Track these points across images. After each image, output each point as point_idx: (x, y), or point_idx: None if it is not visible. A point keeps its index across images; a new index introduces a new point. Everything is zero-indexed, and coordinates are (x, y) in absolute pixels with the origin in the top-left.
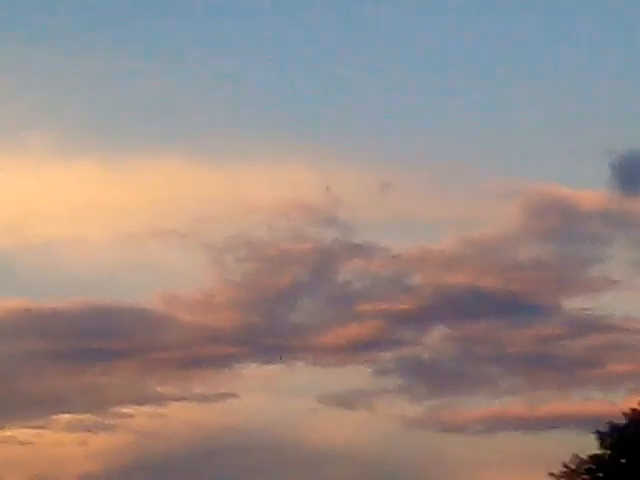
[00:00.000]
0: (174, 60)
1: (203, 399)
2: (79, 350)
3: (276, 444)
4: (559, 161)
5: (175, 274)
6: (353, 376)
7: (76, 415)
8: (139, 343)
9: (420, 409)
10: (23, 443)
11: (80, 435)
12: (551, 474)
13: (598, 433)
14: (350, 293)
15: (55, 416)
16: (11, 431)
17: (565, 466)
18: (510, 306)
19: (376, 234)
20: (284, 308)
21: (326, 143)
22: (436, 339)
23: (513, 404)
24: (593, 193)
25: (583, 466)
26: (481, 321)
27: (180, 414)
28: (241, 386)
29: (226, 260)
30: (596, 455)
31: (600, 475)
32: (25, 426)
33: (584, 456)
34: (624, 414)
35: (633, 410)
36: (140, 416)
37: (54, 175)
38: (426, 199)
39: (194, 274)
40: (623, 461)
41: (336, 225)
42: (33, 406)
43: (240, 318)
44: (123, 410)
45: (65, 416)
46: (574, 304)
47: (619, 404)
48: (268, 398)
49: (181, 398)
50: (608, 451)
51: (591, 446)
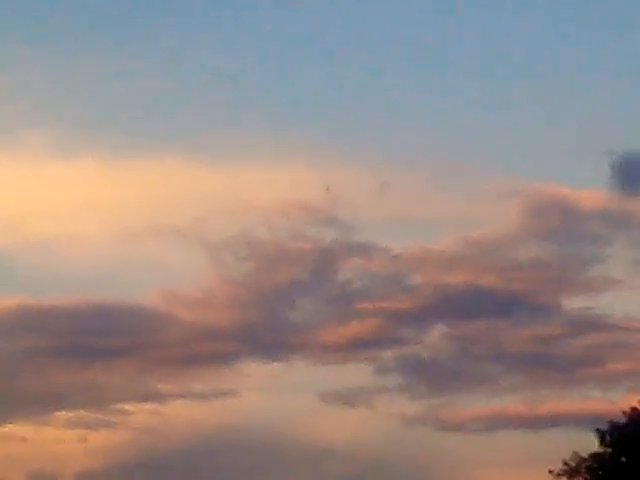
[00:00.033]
0: (174, 60)
1: (203, 397)
2: (79, 347)
3: (276, 442)
4: (559, 161)
5: (174, 272)
6: (353, 374)
7: (76, 412)
8: (138, 341)
9: (420, 407)
10: (23, 440)
11: (80, 432)
12: (551, 472)
13: (598, 431)
14: (350, 292)
15: (55, 413)
16: (10, 428)
17: (565, 464)
18: (510, 306)
19: (376, 234)
20: (284, 307)
21: (326, 143)
22: (436, 338)
23: (513, 403)
24: (593, 193)
25: (583, 464)
26: (481, 320)
27: (180, 412)
28: (241, 384)
29: (226, 259)
30: (596, 453)
31: (600, 473)
32: (25, 423)
33: (584, 454)
34: (624, 413)
35: (633, 409)
36: (140, 413)
37: (53, 174)
38: (426, 199)
39: (194, 272)
40: (623, 460)
41: (336, 225)
42: (33, 403)
43: (240, 317)
44: (123, 407)
45: (65, 413)
46: (574, 304)
47: (619, 403)
48: (268, 396)
49: (181, 396)
50: (608, 449)
51: (591, 445)
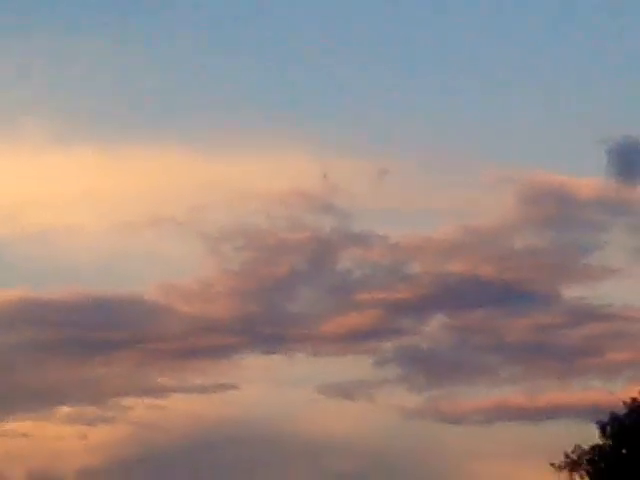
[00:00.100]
0: (173, 50)
1: (202, 390)
2: (78, 341)
3: (276, 435)
4: (556, 149)
5: (172, 263)
6: (353, 366)
7: (75, 407)
8: (137, 334)
9: (420, 399)
10: (23, 436)
11: (80, 428)
12: (552, 464)
13: (599, 423)
14: (349, 282)
15: (55, 408)
16: (10, 424)
17: (567, 456)
18: (509, 295)
19: (374, 222)
20: (282, 297)
21: (323, 131)
22: (435, 328)
23: (513, 394)
24: (590, 180)
25: (584, 457)
26: (480, 310)
27: (179, 405)
28: (240, 377)
29: (224, 249)
30: (597, 445)
31: (601, 466)
32: (25, 418)
33: (585, 446)
34: (624, 403)
35: (633, 399)
36: (139, 408)
37: (51, 163)
38: (424, 187)
39: (192, 263)
40: (624, 451)
41: (333, 213)
42: (33, 398)
43: (238, 308)
44: (122, 402)
45: (65, 408)
46: (573, 293)
47: (619, 393)
48: (267, 389)
49: (180, 389)
50: (609, 441)
51: (591, 436)
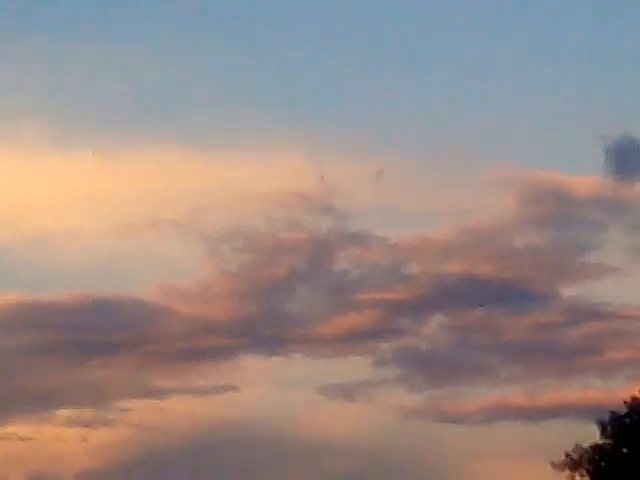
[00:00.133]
0: (172, 52)
1: (202, 392)
2: (77, 343)
3: (276, 436)
4: (553, 148)
5: (172, 265)
6: (352, 367)
7: (75, 410)
8: (137, 335)
9: (419, 399)
10: (23, 439)
11: (80, 430)
12: (553, 464)
13: (599, 423)
14: (347, 282)
15: (55, 411)
16: (10, 427)
17: (567, 456)
18: (508, 294)
19: (372, 223)
20: (281, 298)
21: (321, 132)
22: (434, 328)
23: (513, 393)
24: (588, 179)
25: (585, 456)
26: (479, 309)
27: (179, 407)
28: (240, 378)
29: (223, 251)
30: (598, 445)
31: (602, 465)
32: (25, 422)
33: (586, 446)
34: (625, 402)
35: (634, 398)
36: (139, 410)
37: (51, 166)
38: (422, 187)
39: (191, 265)
40: (625, 450)
41: (332, 214)
42: (32, 401)
43: (237, 309)
44: (122, 404)
45: (64, 411)
46: (572, 291)
47: (619, 392)
48: (267, 390)
49: (180, 391)
50: (609, 440)
51: (592, 435)
